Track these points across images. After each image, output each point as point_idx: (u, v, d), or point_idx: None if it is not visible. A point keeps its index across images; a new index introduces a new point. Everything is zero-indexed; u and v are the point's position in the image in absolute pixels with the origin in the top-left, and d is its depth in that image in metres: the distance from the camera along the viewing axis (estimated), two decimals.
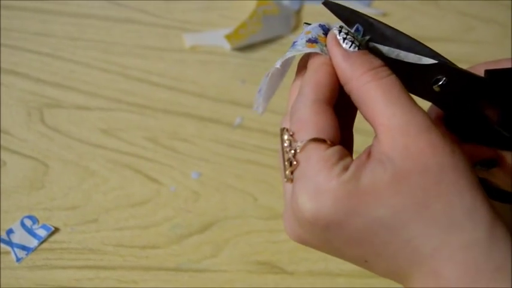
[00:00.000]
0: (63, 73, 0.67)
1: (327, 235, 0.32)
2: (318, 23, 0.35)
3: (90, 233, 0.55)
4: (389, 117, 0.31)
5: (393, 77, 0.33)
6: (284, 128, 0.33)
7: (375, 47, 0.36)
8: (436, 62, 0.36)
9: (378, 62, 0.33)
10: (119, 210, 0.57)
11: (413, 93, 0.37)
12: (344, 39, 0.34)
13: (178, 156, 0.61)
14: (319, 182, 0.31)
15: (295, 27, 0.73)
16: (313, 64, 0.35)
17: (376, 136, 0.32)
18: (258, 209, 0.58)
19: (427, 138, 0.31)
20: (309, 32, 0.35)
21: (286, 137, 0.33)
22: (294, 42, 0.36)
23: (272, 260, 0.55)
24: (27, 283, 0.52)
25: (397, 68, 0.34)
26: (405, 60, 0.36)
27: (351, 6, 0.35)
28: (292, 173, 0.32)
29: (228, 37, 0.69)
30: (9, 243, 0.53)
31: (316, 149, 0.32)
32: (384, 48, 0.36)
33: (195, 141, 0.62)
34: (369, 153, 0.32)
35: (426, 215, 0.30)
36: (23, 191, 0.57)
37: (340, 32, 0.34)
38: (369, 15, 0.36)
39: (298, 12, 0.75)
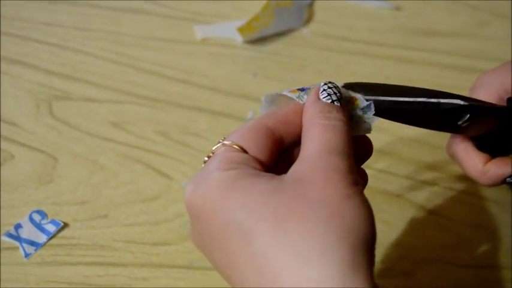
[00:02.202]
0: (71, 64, 0.65)
1: (199, 227, 0.33)
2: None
3: (100, 229, 0.54)
4: (307, 149, 0.33)
5: (338, 123, 0.34)
6: None
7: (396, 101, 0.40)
8: (459, 103, 0.39)
9: (336, 109, 0.35)
10: (129, 206, 0.56)
11: (442, 131, 0.42)
12: (324, 90, 0.36)
13: (189, 150, 0.60)
14: (207, 170, 0.32)
15: (308, 20, 0.72)
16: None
17: None
18: None
19: (326, 174, 0.31)
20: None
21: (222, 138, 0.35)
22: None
23: None
24: (35, 279, 0.51)
25: (421, 116, 0.40)
26: (428, 102, 0.40)
27: None
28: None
29: (241, 30, 0.68)
30: (18, 238, 0.52)
31: (226, 149, 0.33)
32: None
33: (207, 136, 0.61)
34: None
35: (280, 233, 0.29)
36: (32, 185, 0.56)
37: (325, 83, 0.36)
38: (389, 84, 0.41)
39: (310, 5, 0.73)
